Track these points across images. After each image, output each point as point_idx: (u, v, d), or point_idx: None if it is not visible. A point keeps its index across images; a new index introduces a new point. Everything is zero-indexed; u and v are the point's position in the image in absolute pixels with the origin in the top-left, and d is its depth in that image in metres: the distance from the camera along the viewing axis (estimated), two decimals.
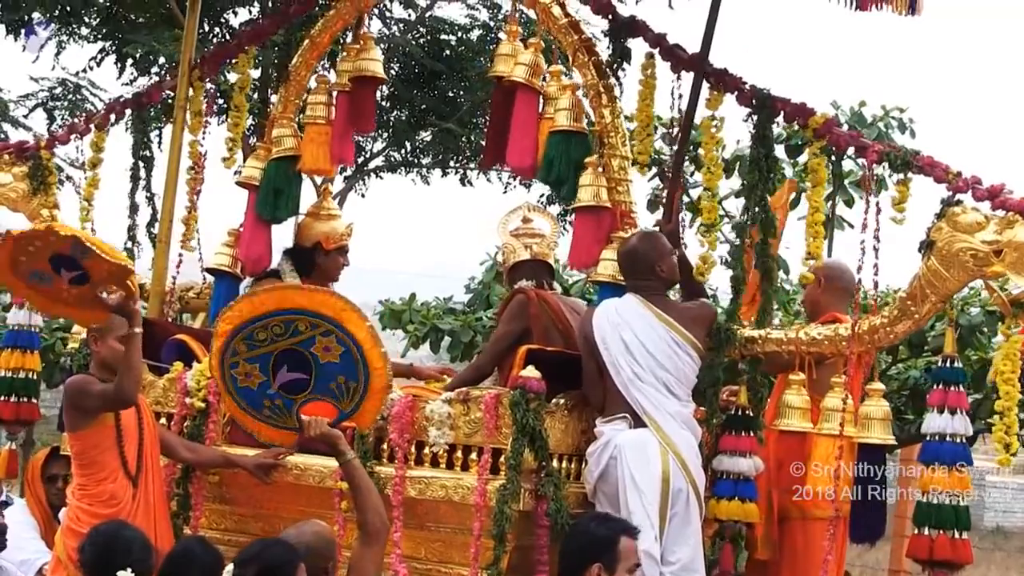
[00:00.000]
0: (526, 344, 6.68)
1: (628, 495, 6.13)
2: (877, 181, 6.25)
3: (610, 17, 6.86)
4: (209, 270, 7.85)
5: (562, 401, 6.32)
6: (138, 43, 16.84)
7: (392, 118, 19.82)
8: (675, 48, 6.67)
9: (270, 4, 17.72)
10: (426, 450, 6.27)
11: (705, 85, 6.59)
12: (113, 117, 8.38)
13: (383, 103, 18.83)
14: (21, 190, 8.27)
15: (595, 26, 8.08)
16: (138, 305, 6.32)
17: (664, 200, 6.91)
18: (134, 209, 8.21)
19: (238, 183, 7.86)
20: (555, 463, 6.20)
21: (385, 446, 6.34)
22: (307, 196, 8.13)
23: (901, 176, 6.03)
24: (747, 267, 6.52)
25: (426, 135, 20.03)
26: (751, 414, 6.44)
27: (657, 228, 6.80)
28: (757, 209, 6.52)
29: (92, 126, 8.21)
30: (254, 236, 7.74)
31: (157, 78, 17.85)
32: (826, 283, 6.85)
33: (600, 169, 6.83)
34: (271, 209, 7.68)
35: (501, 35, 18.75)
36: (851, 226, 22.73)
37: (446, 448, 6.24)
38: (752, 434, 6.42)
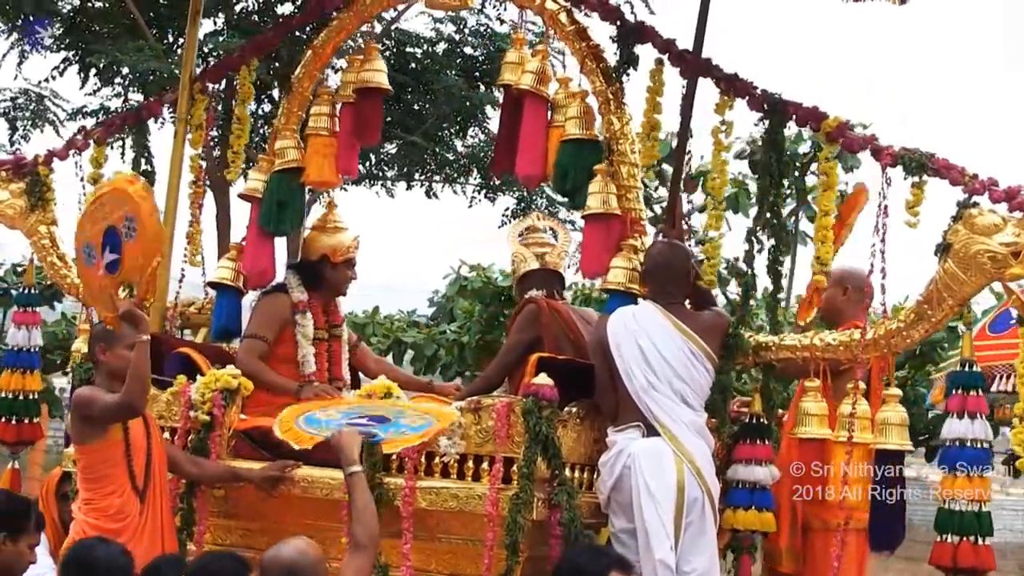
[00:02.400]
0: (537, 353, 6.63)
1: (643, 504, 6.04)
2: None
3: (618, 23, 6.79)
4: (211, 284, 7.75)
5: (574, 410, 6.23)
6: (101, 53, 16.76)
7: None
8: (684, 53, 6.61)
9: (234, 16, 17.83)
10: (436, 460, 6.17)
11: (712, 89, 6.54)
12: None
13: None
14: (19, 207, 8.19)
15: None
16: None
17: (668, 205, 6.84)
18: None
19: (240, 195, 7.77)
20: (567, 473, 6.11)
21: (394, 457, 6.23)
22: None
23: (916, 179, 5.94)
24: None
25: (391, 147, 19.99)
26: (765, 422, 6.36)
27: (660, 234, 6.74)
28: (768, 215, 6.45)
29: (91, 141, 8.09)
30: (258, 249, 7.65)
31: (121, 89, 18.09)
32: (852, 292, 6.78)
33: (609, 176, 6.75)
34: (275, 222, 7.59)
35: (467, 49, 19.28)
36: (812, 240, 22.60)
37: (457, 458, 6.14)
38: (767, 442, 6.33)
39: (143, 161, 8.24)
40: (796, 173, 17.26)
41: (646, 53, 6.83)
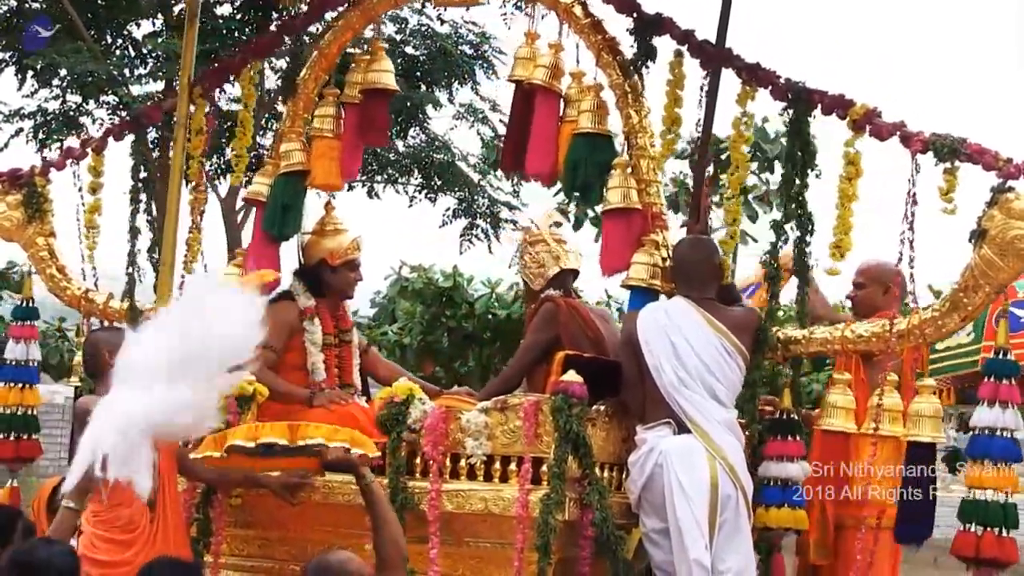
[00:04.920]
0: (555, 352, 6.49)
1: (676, 503, 5.92)
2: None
3: (634, 15, 6.67)
4: None
5: (603, 408, 6.10)
6: (39, 55, 16.66)
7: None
8: (704, 44, 6.49)
9: (174, 17, 17.74)
10: (462, 462, 6.03)
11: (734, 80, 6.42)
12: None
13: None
14: (16, 219, 8.01)
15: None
16: None
17: (692, 199, 6.71)
18: (135, 233, 7.93)
19: (245, 199, 7.61)
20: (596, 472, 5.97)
21: (418, 460, 6.09)
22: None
23: (948, 165, 5.82)
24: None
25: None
26: (796, 417, 6.24)
27: (684, 228, 6.63)
28: (794, 205, 6.33)
29: (89, 150, 7.92)
30: (261, 253, 7.49)
31: (59, 91, 17.99)
32: (897, 290, 6.68)
33: (629, 170, 6.63)
34: (279, 225, 7.43)
35: (408, 49, 19.05)
36: (755, 240, 22.49)
37: (484, 459, 6.00)
38: (798, 438, 6.21)
39: (142, 168, 8.07)
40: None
41: (663, 45, 6.70)
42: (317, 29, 7.97)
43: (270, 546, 6.48)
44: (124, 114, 17.50)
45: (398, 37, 18.96)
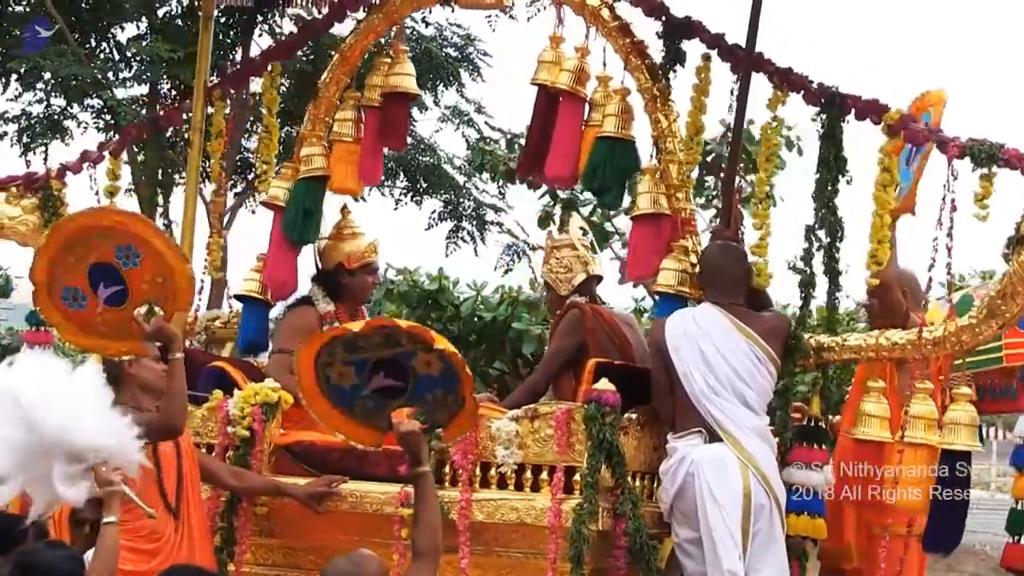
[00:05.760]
0: (582, 360, 6.46)
1: (708, 512, 5.86)
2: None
3: (663, 18, 6.60)
4: (237, 297, 7.51)
5: (634, 416, 6.03)
6: (22, 58, 16.47)
7: (283, 133, 19.68)
8: (735, 48, 6.43)
9: (158, 20, 17.69)
10: (492, 471, 5.96)
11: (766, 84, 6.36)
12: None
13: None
14: (31, 223, 7.88)
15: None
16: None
17: (722, 205, 6.64)
18: None
19: (263, 203, 7.54)
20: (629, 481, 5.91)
21: (447, 469, 6.01)
22: None
23: (985, 171, 5.75)
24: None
25: None
26: (823, 425, 6.18)
27: (714, 234, 6.57)
28: (824, 211, 6.27)
29: (106, 153, 7.84)
30: (280, 259, 7.42)
31: (43, 95, 17.84)
32: (915, 293, 6.61)
33: (658, 176, 6.56)
34: (299, 231, 7.35)
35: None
36: None
37: (515, 468, 5.93)
38: (823, 447, 6.15)
39: (160, 172, 7.99)
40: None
41: (692, 49, 6.65)
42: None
43: (295, 555, 6.40)
44: (109, 117, 17.56)
45: (382, 40, 18.96)
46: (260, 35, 18.21)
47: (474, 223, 20.32)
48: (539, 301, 12.80)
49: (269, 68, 7.74)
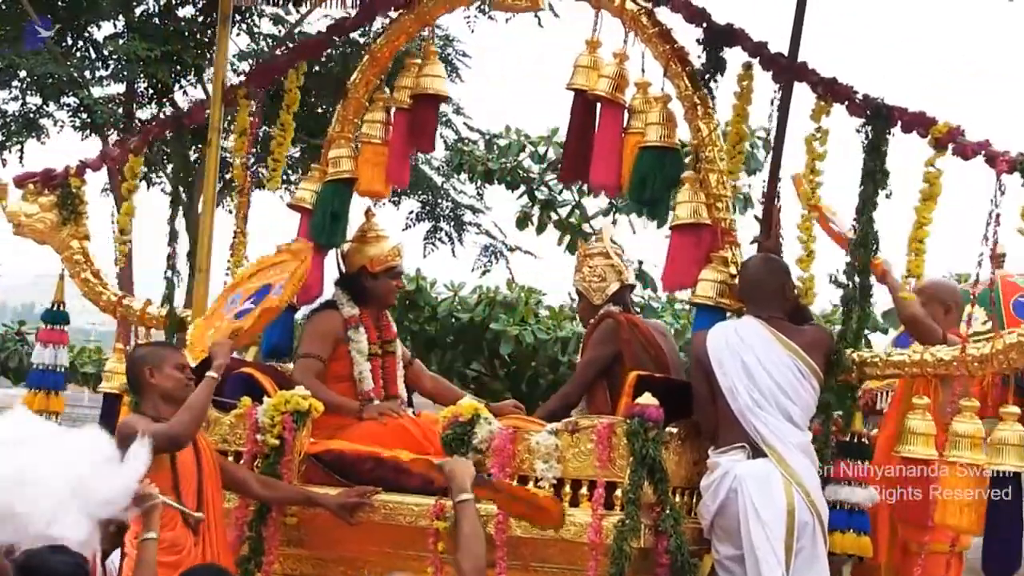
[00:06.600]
0: (616, 370, 6.41)
1: (751, 528, 5.77)
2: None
3: (704, 25, 6.49)
4: None
5: (675, 430, 5.93)
6: None
7: (260, 133, 19.57)
8: (777, 56, 6.33)
9: (135, 19, 17.62)
10: (529, 485, 5.86)
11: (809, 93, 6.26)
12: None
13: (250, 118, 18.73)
14: (50, 220, 7.76)
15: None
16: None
17: (763, 215, 6.53)
18: (174, 237, 7.74)
19: (289, 205, 7.42)
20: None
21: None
22: None
23: None
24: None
25: (295, 151, 19.79)
26: (867, 441, 6.09)
27: (756, 245, 6.47)
28: (866, 224, 6.17)
29: (128, 149, 7.71)
30: None
31: (18, 92, 17.89)
32: (957, 309, 6.54)
33: (698, 185, 6.46)
34: (327, 234, 7.23)
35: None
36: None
37: (553, 482, 5.83)
38: (867, 463, 6.07)
39: (181, 171, 7.87)
40: None
41: (733, 57, 6.54)
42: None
43: (324, 566, 6.31)
44: (85, 116, 17.48)
45: (361, 40, 18.84)
46: (238, 34, 18.17)
47: (452, 224, 20.28)
48: (517, 302, 12.74)
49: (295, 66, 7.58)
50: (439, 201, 20.10)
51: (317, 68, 18.12)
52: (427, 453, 6.31)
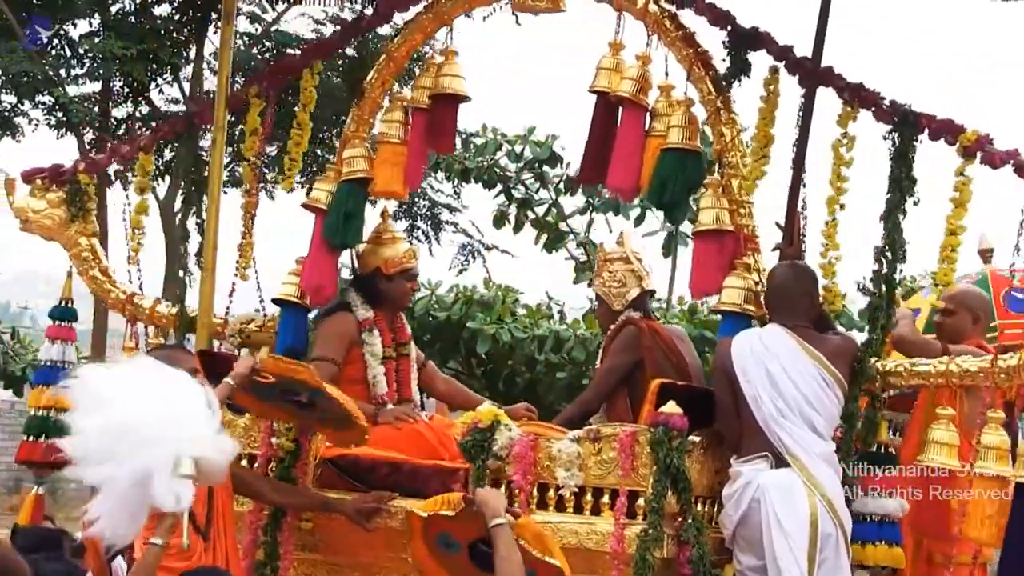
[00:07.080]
0: (636, 377, 6.38)
1: (774, 540, 5.69)
2: None
3: (729, 28, 6.42)
4: (275, 301, 7.30)
5: (698, 439, 5.86)
6: None
7: (237, 132, 19.47)
8: (803, 61, 6.25)
9: (111, 17, 17.55)
10: (550, 493, 5.80)
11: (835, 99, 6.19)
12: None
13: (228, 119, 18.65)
14: (58, 217, 7.69)
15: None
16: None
17: (785, 222, 6.45)
18: (185, 236, 7.65)
19: (304, 205, 7.33)
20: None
21: (503, 489, 5.83)
22: None
23: None
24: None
25: (271, 150, 19.74)
26: (893, 451, 6.03)
27: (777, 251, 6.39)
28: (893, 232, 6.10)
29: (139, 146, 7.62)
30: (318, 263, 7.19)
31: None
32: (986, 319, 6.47)
33: (720, 191, 6.39)
34: (341, 235, 7.14)
35: (349, 51, 18.34)
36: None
37: (575, 491, 5.76)
38: (895, 473, 6.00)
39: (192, 169, 7.78)
40: None
41: (757, 60, 6.46)
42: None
43: (339, 571, 6.24)
44: (61, 114, 17.38)
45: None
46: (215, 32, 18.00)
47: (429, 222, 20.28)
48: (494, 300, 12.65)
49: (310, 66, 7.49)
50: (416, 200, 20.01)
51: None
52: (441, 459, 6.25)
